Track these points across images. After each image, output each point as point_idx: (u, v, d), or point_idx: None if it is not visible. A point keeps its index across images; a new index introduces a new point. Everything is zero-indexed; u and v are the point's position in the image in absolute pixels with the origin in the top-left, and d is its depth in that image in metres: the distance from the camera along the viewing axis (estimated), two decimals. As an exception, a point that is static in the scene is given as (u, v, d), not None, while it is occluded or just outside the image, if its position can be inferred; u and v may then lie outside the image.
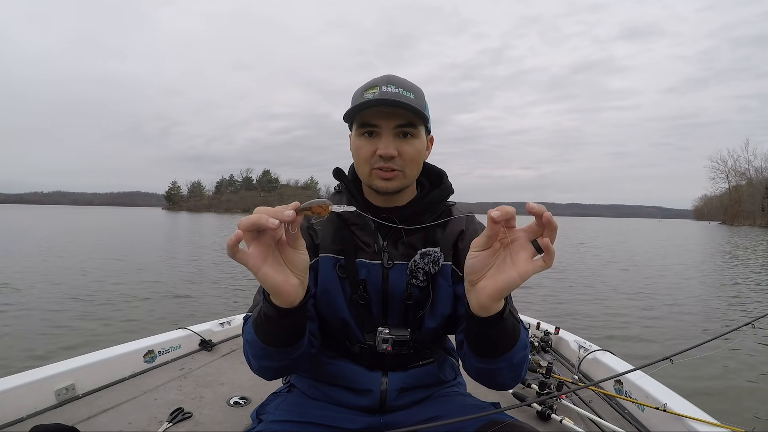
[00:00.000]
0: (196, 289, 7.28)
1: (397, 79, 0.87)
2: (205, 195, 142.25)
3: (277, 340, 0.73)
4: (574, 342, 2.30)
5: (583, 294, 7.50)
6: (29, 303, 5.80)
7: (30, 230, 21.71)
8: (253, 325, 0.75)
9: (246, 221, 0.58)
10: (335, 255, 0.91)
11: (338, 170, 1.01)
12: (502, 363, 0.76)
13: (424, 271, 0.90)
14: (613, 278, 9.43)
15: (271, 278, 0.62)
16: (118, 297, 6.31)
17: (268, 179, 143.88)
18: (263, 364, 0.79)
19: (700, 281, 9.29)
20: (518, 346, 0.75)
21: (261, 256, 0.61)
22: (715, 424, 1.38)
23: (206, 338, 2.28)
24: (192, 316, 5.33)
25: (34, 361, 3.50)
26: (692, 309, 6.43)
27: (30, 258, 10.47)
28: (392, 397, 0.92)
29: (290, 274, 0.64)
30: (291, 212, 0.58)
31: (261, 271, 0.61)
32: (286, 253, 0.64)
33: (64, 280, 7.61)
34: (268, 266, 0.62)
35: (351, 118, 0.90)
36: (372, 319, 0.92)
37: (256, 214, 0.59)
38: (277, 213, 0.58)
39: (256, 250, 0.60)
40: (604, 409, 1.68)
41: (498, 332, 0.71)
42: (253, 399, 1.72)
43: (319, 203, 0.62)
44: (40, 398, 1.53)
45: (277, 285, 0.63)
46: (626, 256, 14.86)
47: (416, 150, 0.88)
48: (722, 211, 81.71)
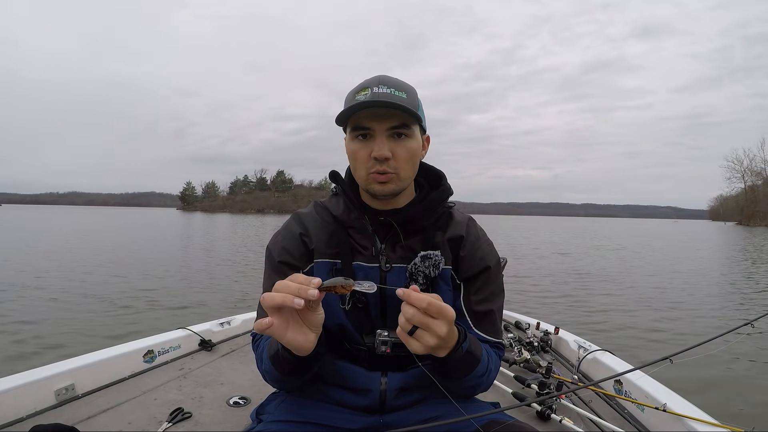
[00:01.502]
0: (196, 289, 7.28)
1: (389, 79, 0.86)
2: (220, 195, 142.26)
3: (297, 372, 0.81)
4: (573, 342, 2.30)
5: (593, 296, 7.50)
6: (30, 303, 5.80)
7: (41, 231, 21.71)
8: (272, 361, 0.80)
9: (271, 301, 0.62)
10: (331, 259, 0.91)
11: (335, 173, 1.00)
12: (453, 384, 0.83)
13: (424, 274, 0.89)
14: (623, 280, 9.41)
15: (294, 342, 0.68)
16: (119, 297, 6.31)
17: (282, 180, 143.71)
18: (282, 385, 0.92)
19: (707, 281, 9.26)
20: (471, 376, 0.81)
21: (284, 326, 0.66)
22: (714, 424, 1.38)
23: (206, 338, 2.28)
24: (192, 316, 5.33)
25: (34, 361, 3.51)
26: (695, 309, 6.44)
27: (37, 257, 10.49)
28: (392, 397, 0.92)
29: (309, 332, 0.69)
30: (315, 292, 0.62)
31: (285, 338, 0.67)
32: (305, 315, 0.68)
33: (68, 280, 7.61)
34: (291, 332, 0.67)
35: (344, 122, 0.89)
36: (371, 321, 0.92)
37: (279, 293, 0.62)
38: (300, 292, 0.61)
39: (278, 321, 0.65)
40: (604, 409, 1.68)
41: (445, 366, 0.77)
42: (253, 399, 1.72)
43: (342, 283, 0.64)
44: (39, 398, 1.53)
45: (299, 345, 0.68)
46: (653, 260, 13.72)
47: (410, 150, 0.87)
48: (738, 212, 79.90)
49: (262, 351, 0.86)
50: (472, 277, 0.93)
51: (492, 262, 0.95)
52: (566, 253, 12.94)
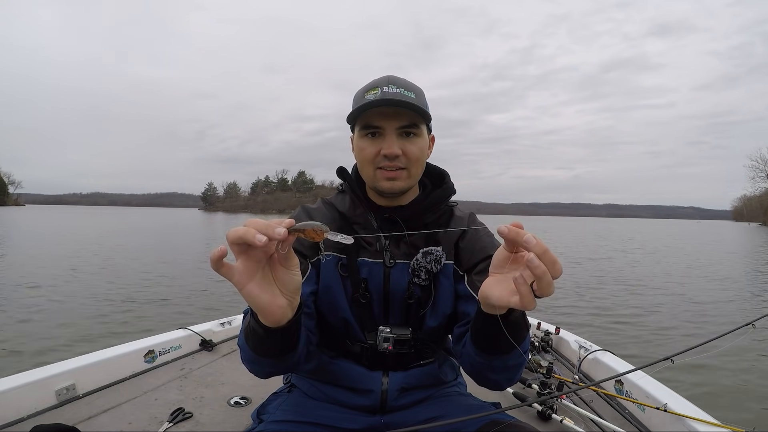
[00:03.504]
0: (197, 289, 7.27)
1: (398, 79, 0.89)
2: (241, 196, 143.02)
3: (267, 352, 0.72)
4: (574, 342, 2.30)
5: (598, 297, 7.49)
6: (31, 304, 5.81)
7: (55, 231, 21.72)
8: (244, 334, 0.73)
9: (233, 234, 0.54)
10: (337, 254, 0.92)
11: (342, 169, 1.02)
12: (497, 362, 0.76)
13: (426, 269, 0.90)
14: (635, 279, 9.30)
15: (256, 297, 0.58)
16: (118, 297, 6.31)
17: (303, 180, 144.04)
18: (256, 368, 0.79)
19: (716, 282, 9.21)
20: (517, 351, 0.74)
21: (247, 273, 0.57)
22: (715, 424, 1.38)
23: (207, 338, 2.28)
24: (192, 315, 5.33)
25: (35, 360, 3.51)
26: (698, 309, 6.43)
27: (43, 258, 10.51)
28: (393, 398, 0.92)
29: (278, 294, 0.60)
30: (282, 230, 0.54)
31: (245, 289, 0.57)
32: (276, 271, 0.60)
33: (68, 280, 7.62)
34: (255, 284, 0.58)
35: (354, 120, 0.91)
36: (373, 318, 0.92)
37: (245, 227, 0.54)
38: (267, 229, 0.54)
39: (243, 265, 0.56)
40: (605, 409, 1.68)
41: (498, 332, 0.70)
42: (254, 399, 1.72)
43: (314, 227, 0.56)
44: (40, 398, 1.53)
45: (263, 305, 0.59)
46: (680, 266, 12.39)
47: (420, 149, 0.89)
48: (762, 212, 77.65)
49: (242, 330, 0.80)
50: (473, 266, 0.93)
51: (493, 251, 0.95)
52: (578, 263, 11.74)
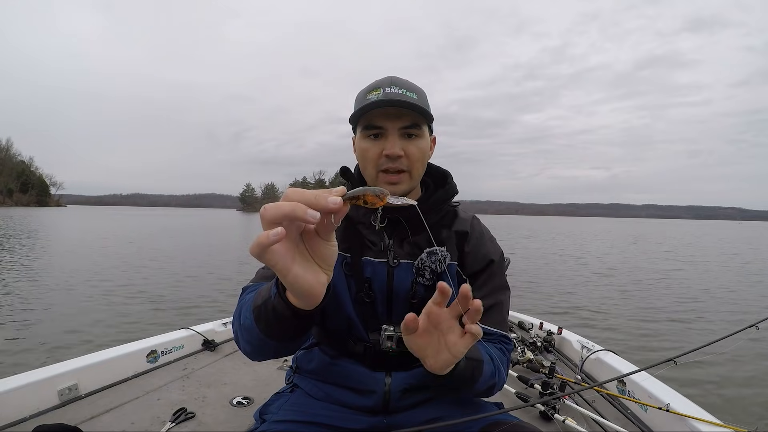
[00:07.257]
0: (197, 288, 7.28)
1: (400, 80, 0.89)
2: (279, 197, 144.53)
3: (283, 336, 0.65)
4: (577, 342, 2.30)
5: (598, 297, 7.48)
6: (31, 303, 5.82)
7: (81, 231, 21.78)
8: (254, 314, 0.65)
9: (274, 211, 0.44)
10: (342, 252, 0.92)
11: (345, 168, 1.02)
12: (465, 393, 0.82)
13: (431, 269, 0.90)
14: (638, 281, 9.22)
15: (302, 280, 0.50)
16: (120, 297, 6.32)
17: (341, 181, 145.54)
18: (257, 350, 0.72)
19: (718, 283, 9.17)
20: (477, 385, 0.79)
21: (290, 255, 0.48)
22: (717, 424, 1.37)
23: (209, 338, 2.28)
24: (195, 316, 5.34)
25: (37, 359, 3.52)
26: (701, 309, 6.41)
27: (59, 257, 10.53)
28: (396, 398, 0.92)
29: (320, 271, 0.52)
30: (338, 199, 0.46)
31: (291, 273, 0.49)
32: (316, 245, 0.51)
33: (72, 281, 7.63)
34: (298, 266, 0.49)
35: (356, 121, 0.91)
36: (376, 317, 0.92)
37: (288, 201, 0.45)
38: (318, 202, 0.45)
39: (283, 247, 0.47)
40: (607, 410, 1.68)
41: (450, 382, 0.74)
42: (257, 399, 1.72)
43: (374, 192, 0.48)
44: (43, 398, 1.53)
45: (308, 287, 0.51)
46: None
47: (421, 150, 0.89)
48: None
49: (244, 304, 0.73)
50: (477, 272, 0.94)
51: (496, 257, 0.97)
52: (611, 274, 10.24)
